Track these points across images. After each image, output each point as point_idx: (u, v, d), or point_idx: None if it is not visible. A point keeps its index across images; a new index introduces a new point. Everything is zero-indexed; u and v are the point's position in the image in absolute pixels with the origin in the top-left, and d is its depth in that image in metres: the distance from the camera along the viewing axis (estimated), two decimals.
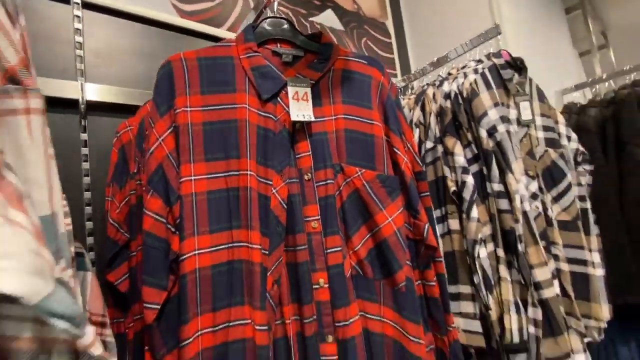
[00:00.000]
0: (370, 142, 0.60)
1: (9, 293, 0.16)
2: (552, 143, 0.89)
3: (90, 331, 0.19)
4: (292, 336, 0.53)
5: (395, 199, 0.58)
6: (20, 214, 0.18)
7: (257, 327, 0.49)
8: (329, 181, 0.57)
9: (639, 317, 1.16)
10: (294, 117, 0.56)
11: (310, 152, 0.58)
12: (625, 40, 1.98)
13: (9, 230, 0.17)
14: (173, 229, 0.51)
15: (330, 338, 0.54)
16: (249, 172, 0.54)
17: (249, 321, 0.50)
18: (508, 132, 0.77)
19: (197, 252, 0.51)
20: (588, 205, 0.92)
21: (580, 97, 1.45)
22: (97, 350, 0.20)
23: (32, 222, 0.18)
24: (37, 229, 0.18)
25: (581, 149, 0.94)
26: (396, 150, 0.60)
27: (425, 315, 0.59)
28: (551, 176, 0.86)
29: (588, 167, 0.95)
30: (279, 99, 0.58)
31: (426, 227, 0.58)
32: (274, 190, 0.55)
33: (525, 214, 0.72)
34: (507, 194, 0.71)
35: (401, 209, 0.58)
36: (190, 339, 0.48)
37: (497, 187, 0.71)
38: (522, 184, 0.74)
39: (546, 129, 0.90)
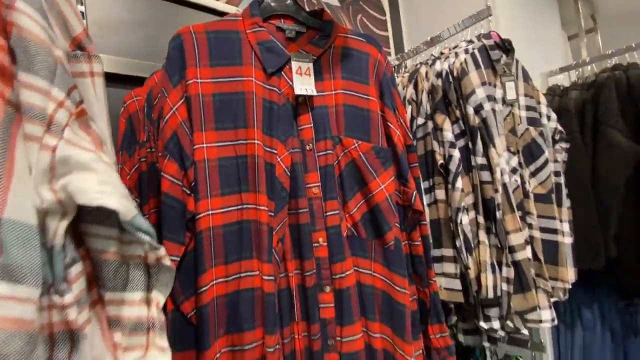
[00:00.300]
0: (367, 116, 0.65)
1: (113, 208, 0.21)
2: (533, 122, 0.95)
3: (162, 247, 0.25)
4: (294, 287, 0.60)
5: (388, 168, 0.64)
6: (105, 155, 0.23)
7: (265, 278, 0.56)
8: (328, 151, 0.63)
9: (602, 284, 1.28)
10: (297, 91, 0.61)
11: (312, 125, 0.63)
12: (613, 25, 2.03)
13: (103, 165, 0.22)
14: (188, 191, 0.56)
15: (327, 289, 0.61)
16: (256, 141, 0.59)
17: (257, 273, 0.57)
18: (493, 110, 0.83)
19: (210, 212, 0.56)
20: (562, 180, 1.00)
21: (566, 80, 1.52)
22: (167, 261, 0.26)
23: (111, 162, 0.23)
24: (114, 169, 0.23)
25: (559, 128, 1.01)
26: (390, 125, 0.65)
27: (410, 271, 0.67)
28: (530, 152, 0.93)
29: (564, 145, 1.03)
30: (283, 73, 0.62)
31: (414, 194, 0.65)
32: (278, 159, 0.60)
33: (504, 185, 0.80)
34: (489, 167, 0.78)
35: (392, 178, 0.65)
36: (206, 287, 0.54)
37: (480, 160, 0.78)
38: (503, 159, 0.81)
39: (529, 108, 0.96)
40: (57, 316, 0.20)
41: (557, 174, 0.99)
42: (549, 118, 1.00)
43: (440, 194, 0.82)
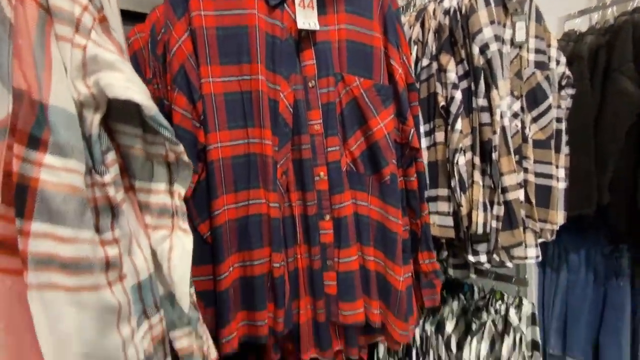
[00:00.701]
0: (370, 52, 0.66)
1: (139, 102, 0.25)
2: (541, 65, 0.94)
3: (180, 144, 0.30)
4: (297, 215, 0.66)
5: (388, 106, 0.67)
6: (126, 62, 0.26)
7: (271, 205, 0.62)
8: (330, 89, 0.65)
9: (591, 230, 1.34)
10: (300, 25, 0.61)
11: (315, 61, 0.64)
12: None
13: (127, 66, 0.26)
14: (198, 124, 0.60)
15: (327, 217, 0.67)
16: (260, 77, 0.61)
17: (264, 201, 0.62)
18: (500, 51, 0.81)
19: (219, 144, 0.61)
20: (563, 127, 1.01)
21: (584, 24, 1.44)
22: (185, 158, 0.31)
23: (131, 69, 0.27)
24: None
25: (567, 73, 0.99)
26: (392, 62, 0.66)
27: (404, 204, 0.72)
28: (534, 97, 0.93)
29: (570, 91, 1.02)
30: (285, 5, 0.62)
31: (412, 131, 0.68)
32: (281, 95, 0.63)
33: (503, 128, 0.82)
34: (490, 109, 0.79)
35: (392, 116, 0.67)
36: (219, 211, 0.60)
37: (481, 102, 0.79)
38: (504, 101, 0.82)
39: (537, 51, 0.94)
40: (99, 192, 0.25)
41: (559, 120, 1.00)
42: (557, 62, 0.98)
43: (439, 136, 0.85)
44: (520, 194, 0.87)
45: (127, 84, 0.25)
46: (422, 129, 0.86)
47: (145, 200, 0.30)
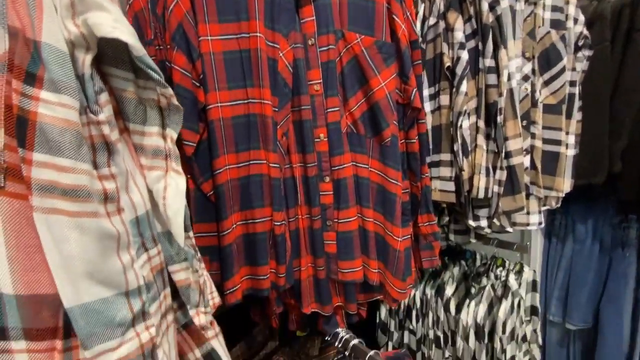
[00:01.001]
0: (372, 8, 0.63)
1: (125, 41, 0.26)
2: (557, 24, 0.89)
3: (169, 88, 0.31)
4: (298, 177, 0.68)
5: (390, 65, 0.65)
6: (114, 3, 0.27)
7: (271, 165, 0.63)
8: (330, 47, 0.64)
9: (599, 200, 1.32)
10: None
11: (314, 17, 0.62)
12: None
13: (115, 7, 0.26)
14: (197, 84, 0.60)
15: (327, 179, 0.68)
16: (258, 34, 0.60)
17: (265, 161, 0.64)
18: (511, 8, 0.77)
19: (219, 104, 0.61)
20: (577, 91, 0.97)
21: None
22: (175, 101, 0.32)
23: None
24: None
25: (585, 32, 0.94)
26: (395, 18, 0.64)
27: (405, 167, 0.73)
28: (547, 59, 0.89)
29: (587, 52, 0.97)
30: None
31: (414, 91, 0.66)
32: (281, 54, 0.62)
33: (510, 90, 0.79)
34: (497, 70, 0.77)
35: (394, 75, 0.66)
36: (221, 170, 0.62)
37: (488, 62, 0.77)
38: (513, 62, 0.79)
39: (554, 8, 0.89)
40: (94, 130, 0.27)
41: (572, 83, 0.96)
42: (575, 21, 0.93)
43: (444, 99, 0.83)
44: (524, 159, 0.86)
45: (114, 24, 0.25)
46: (427, 92, 0.84)
47: (139, 143, 0.32)
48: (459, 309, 1.10)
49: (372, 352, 0.66)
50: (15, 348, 0.24)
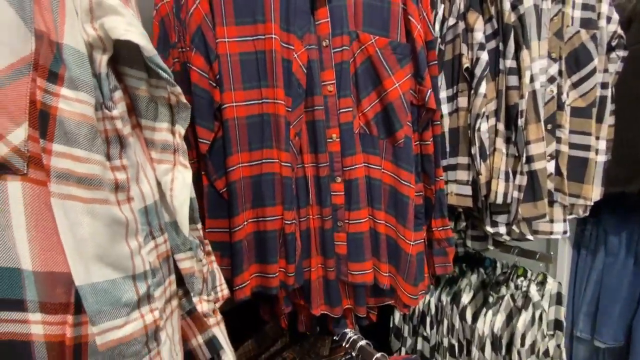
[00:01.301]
0: (387, 8, 0.63)
1: (137, 42, 0.28)
2: (588, 23, 0.85)
3: (178, 86, 0.32)
4: (309, 177, 0.68)
5: (404, 66, 0.65)
6: (127, 8, 0.29)
7: (283, 164, 0.64)
8: (344, 48, 0.64)
9: (633, 210, 1.24)
10: None
11: (329, 19, 0.63)
12: None
13: (128, 11, 0.28)
14: (214, 84, 0.62)
15: (339, 179, 0.68)
16: (273, 36, 0.61)
17: (277, 160, 0.65)
18: (536, 7, 0.75)
19: (234, 104, 0.63)
20: (609, 93, 0.92)
21: None
22: (184, 99, 0.33)
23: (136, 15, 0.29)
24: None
25: (619, 32, 0.89)
26: (411, 18, 0.63)
27: (419, 170, 0.71)
28: (576, 60, 0.85)
29: (622, 53, 0.91)
30: None
31: (429, 92, 0.65)
32: (295, 55, 0.63)
33: (533, 92, 0.76)
34: (518, 71, 0.74)
35: (408, 76, 0.65)
36: (234, 167, 0.64)
37: (509, 63, 0.74)
38: (537, 63, 0.76)
39: (585, 7, 0.84)
40: (108, 125, 0.29)
41: (604, 85, 0.91)
42: (609, 19, 0.88)
43: (462, 101, 0.81)
44: (548, 165, 0.82)
45: (127, 27, 0.27)
46: (444, 93, 0.82)
47: (150, 137, 0.34)
48: (475, 318, 1.06)
49: (378, 355, 0.66)
50: (32, 319, 0.27)
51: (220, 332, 0.40)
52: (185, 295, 0.38)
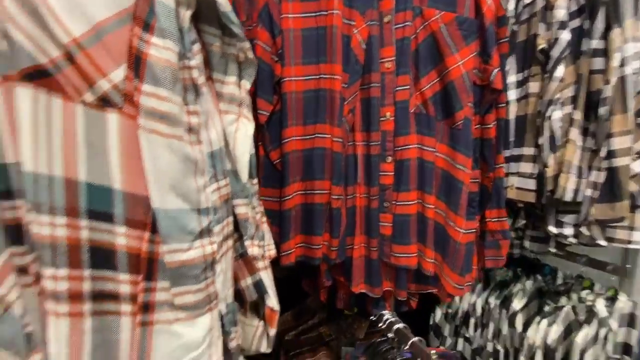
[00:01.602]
0: None
1: None
2: None
3: (247, 41, 0.35)
4: (360, 155, 0.69)
5: (470, 43, 0.61)
6: None
7: (335, 139, 0.65)
8: (407, 23, 0.62)
9: None
10: None
11: None
12: None
13: None
14: (276, 58, 0.65)
15: (389, 159, 0.67)
16: (335, 11, 0.62)
17: (329, 135, 0.66)
18: None
19: (293, 78, 0.65)
20: None
21: None
22: (251, 55, 0.36)
23: None
24: None
25: None
26: None
27: (477, 156, 0.68)
28: None
29: None
30: None
31: (495, 71, 0.61)
32: (355, 31, 0.63)
33: (622, 78, 0.67)
34: (606, 53, 0.66)
35: (474, 54, 0.62)
36: (288, 140, 0.66)
37: (595, 44, 0.66)
38: (631, 45, 0.66)
39: None
40: (187, 74, 0.33)
41: None
42: None
43: (534, 86, 0.74)
44: (633, 162, 0.72)
45: None
46: (513, 77, 0.76)
47: (219, 90, 0.37)
48: (526, 326, 0.98)
49: (416, 339, 0.64)
50: (117, 231, 0.32)
51: (267, 277, 0.43)
52: (239, 240, 0.42)
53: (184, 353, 0.33)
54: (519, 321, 1.00)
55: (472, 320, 1.10)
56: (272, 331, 0.46)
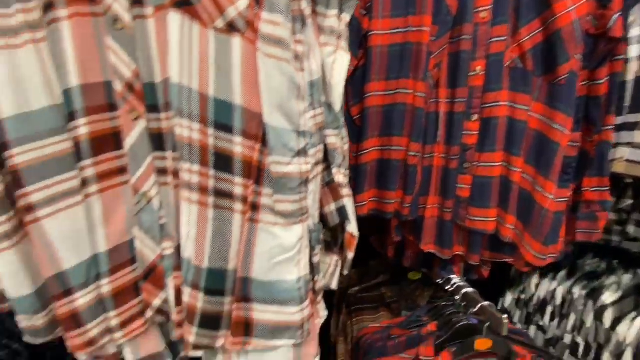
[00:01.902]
0: None
1: None
2: None
3: None
4: (442, 112, 0.67)
5: None
6: None
7: (417, 94, 0.65)
8: None
9: None
10: None
11: None
12: None
13: None
14: (364, 12, 0.66)
15: (475, 117, 0.65)
16: None
17: (411, 91, 0.66)
18: None
19: (380, 32, 0.66)
20: None
21: None
22: None
23: None
24: None
25: None
26: None
27: (580, 117, 0.61)
28: None
29: None
30: None
31: (615, 16, 0.53)
32: None
33: None
34: None
35: None
36: (369, 95, 0.68)
37: None
38: None
39: None
40: (296, 5, 0.37)
41: None
42: None
43: None
44: None
45: None
46: (638, 30, 0.65)
47: (321, 24, 0.41)
48: (616, 322, 0.87)
49: (486, 303, 0.63)
50: (235, 140, 0.38)
51: (350, 204, 0.47)
52: (327, 169, 0.46)
53: (280, 252, 0.39)
54: (608, 316, 0.89)
55: (549, 309, 1.02)
56: (350, 255, 0.50)
